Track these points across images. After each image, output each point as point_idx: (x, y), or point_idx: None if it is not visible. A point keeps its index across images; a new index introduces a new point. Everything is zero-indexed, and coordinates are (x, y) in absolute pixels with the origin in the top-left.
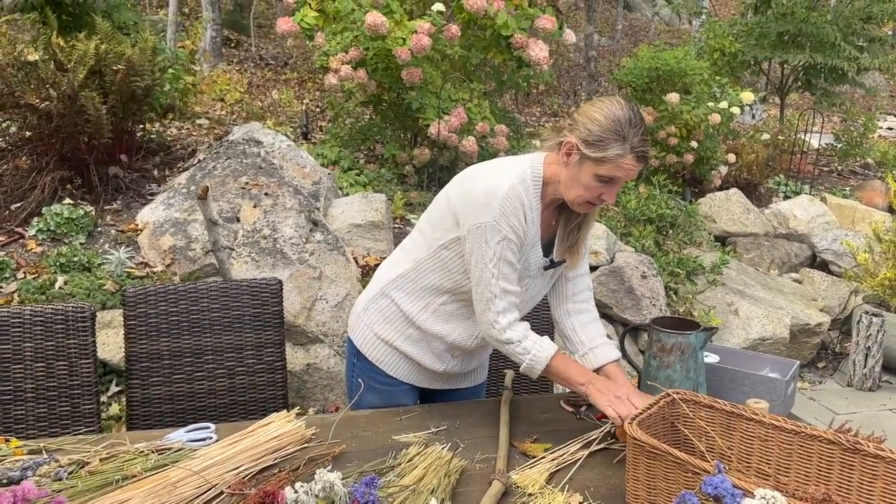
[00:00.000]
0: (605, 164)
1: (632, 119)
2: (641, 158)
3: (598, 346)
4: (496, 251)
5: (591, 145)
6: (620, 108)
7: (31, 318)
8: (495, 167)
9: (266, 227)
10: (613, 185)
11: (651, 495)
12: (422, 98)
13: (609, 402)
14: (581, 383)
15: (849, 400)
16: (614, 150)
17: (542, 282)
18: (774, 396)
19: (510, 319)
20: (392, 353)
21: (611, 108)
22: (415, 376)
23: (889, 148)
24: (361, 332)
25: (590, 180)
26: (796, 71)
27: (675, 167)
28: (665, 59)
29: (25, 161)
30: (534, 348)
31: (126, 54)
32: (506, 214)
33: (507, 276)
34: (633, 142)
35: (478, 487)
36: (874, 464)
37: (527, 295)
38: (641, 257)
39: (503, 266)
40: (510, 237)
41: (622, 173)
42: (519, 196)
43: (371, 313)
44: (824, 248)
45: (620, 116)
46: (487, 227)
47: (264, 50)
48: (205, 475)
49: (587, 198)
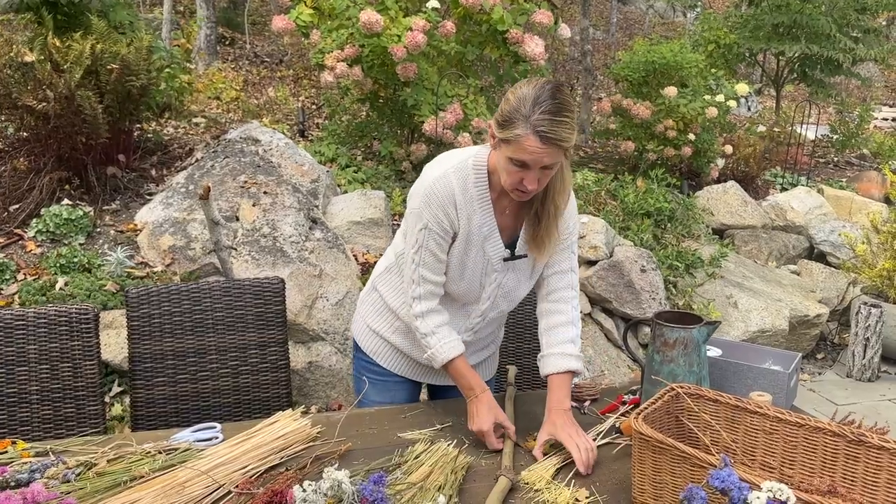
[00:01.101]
0: (511, 146)
1: (538, 97)
2: (547, 140)
3: (550, 354)
4: (418, 238)
5: (500, 126)
6: (532, 87)
7: (34, 320)
8: (445, 157)
9: (265, 226)
10: (529, 169)
11: (657, 489)
12: (417, 94)
13: (469, 418)
14: (467, 394)
15: (848, 391)
16: (516, 130)
17: (517, 276)
18: (777, 389)
19: (425, 308)
20: (384, 344)
21: (523, 88)
22: (408, 369)
23: (885, 139)
24: (358, 325)
25: (506, 164)
26: (791, 62)
27: (673, 160)
28: (661, 53)
29: (23, 162)
30: (436, 345)
31: (121, 54)
32: (429, 204)
33: (429, 264)
34: (535, 120)
35: (484, 483)
36: (878, 455)
37: (500, 290)
38: (640, 251)
39: (424, 254)
40: (431, 227)
41: (527, 156)
42: (448, 186)
43: (366, 306)
44: (822, 240)
45: (527, 95)
46: (413, 214)
47: (259, 47)
48: (213, 475)
49: (512, 184)
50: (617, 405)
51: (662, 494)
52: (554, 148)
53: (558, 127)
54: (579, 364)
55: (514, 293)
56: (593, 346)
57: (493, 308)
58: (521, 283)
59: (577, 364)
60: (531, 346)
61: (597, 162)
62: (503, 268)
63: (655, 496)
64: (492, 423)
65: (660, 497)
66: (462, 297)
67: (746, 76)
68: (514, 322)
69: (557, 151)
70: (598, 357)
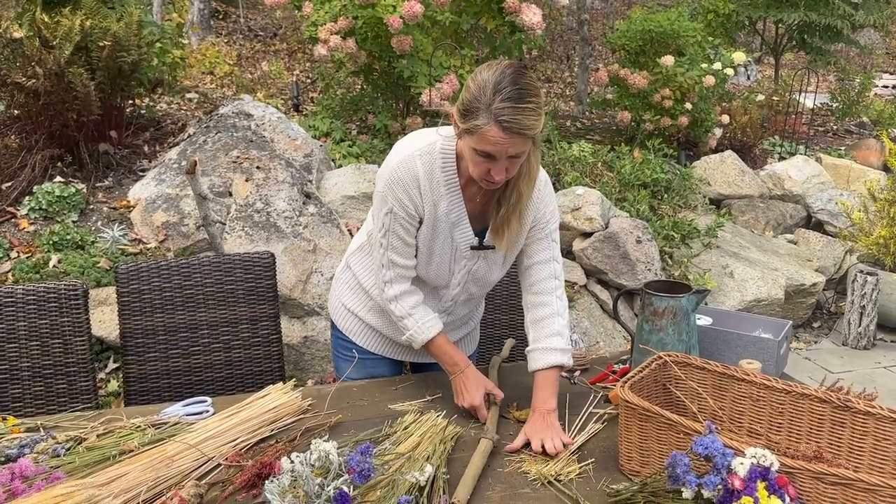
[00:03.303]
0: (474, 137)
1: (499, 83)
2: (510, 130)
3: (535, 349)
4: (384, 222)
5: (461, 116)
6: (492, 72)
7: (23, 297)
8: (414, 136)
9: (259, 201)
10: (495, 160)
11: (643, 456)
12: (413, 66)
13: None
14: (451, 371)
15: (844, 359)
16: (477, 121)
17: (487, 264)
18: (767, 357)
19: (397, 291)
20: (359, 323)
21: (484, 73)
22: (385, 348)
23: (885, 106)
24: (334, 304)
25: (472, 155)
26: (790, 30)
27: (670, 130)
28: (658, 21)
29: (15, 140)
30: (413, 327)
31: (112, 29)
32: (392, 187)
33: (397, 248)
34: (496, 108)
35: (473, 453)
36: (864, 420)
37: (470, 277)
38: (636, 222)
39: (392, 238)
40: (396, 211)
41: (491, 147)
42: (412, 170)
43: (340, 284)
44: (819, 209)
45: (487, 81)
46: (378, 197)
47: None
48: (202, 448)
49: (479, 175)
50: (606, 374)
51: (649, 461)
52: (518, 137)
53: (521, 115)
54: (566, 357)
55: (485, 279)
56: (589, 318)
57: (463, 293)
58: (493, 270)
59: (563, 358)
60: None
61: (593, 133)
62: (472, 255)
63: (642, 463)
64: (482, 396)
65: (646, 464)
66: (432, 282)
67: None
68: (507, 293)
69: (523, 140)
70: (594, 328)
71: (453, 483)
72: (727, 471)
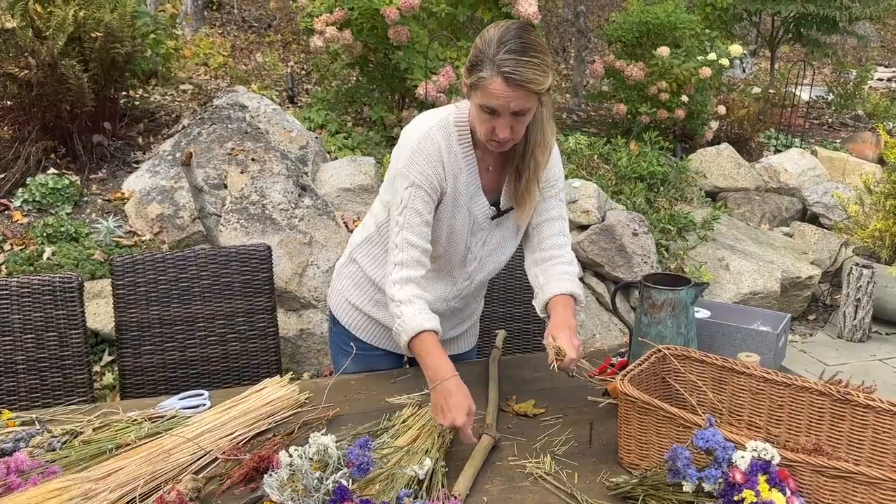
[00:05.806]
0: (479, 92)
1: (503, 37)
2: (512, 81)
3: (548, 282)
4: (403, 197)
5: (468, 71)
6: (497, 28)
7: (17, 290)
8: (424, 116)
9: (254, 193)
10: (499, 116)
11: (643, 450)
12: (409, 58)
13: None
14: (431, 378)
15: (839, 351)
16: (482, 73)
17: (502, 234)
18: (765, 349)
19: (406, 275)
20: (363, 318)
21: (490, 30)
22: (388, 342)
23: (881, 99)
24: (335, 299)
25: (478, 113)
26: (787, 23)
27: (666, 123)
28: (655, 13)
29: (7, 131)
30: (406, 315)
31: (105, 20)
32: (415, 161)
33: (414, 227)
34: (499, 60)
35: (472, 446)
36: (864, 413)
37: (485, 249)
38: (633, 215)
39: (410, 215)
40: (419, 183)
41: (494, 101)
42: (434, 142)
43: (343, 279)
44: (815, 202)
45: (492, 36)
46: (399, 174)
47: (247, 12)
48: (199, 441)
49: (485, 134)
50: (605, 367)
51: (648, 454)
52: (521, 90)
53: (524, 67)
54: (581, 292)
55: (499, 251)
56: (585, 311)
57: (480, 269)
58: (507, 240)
59: (578, 289)
60: (520, 310)
61: (589, 126)
62: (489, 226)
63: (641, 456)
64: (465, 414)
65: (646, 457)
66: (449, 261)
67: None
68: (504, 286)
69: (526, 95)
70: (591, 321)
71: (452, 476)
72: (728, 464)
